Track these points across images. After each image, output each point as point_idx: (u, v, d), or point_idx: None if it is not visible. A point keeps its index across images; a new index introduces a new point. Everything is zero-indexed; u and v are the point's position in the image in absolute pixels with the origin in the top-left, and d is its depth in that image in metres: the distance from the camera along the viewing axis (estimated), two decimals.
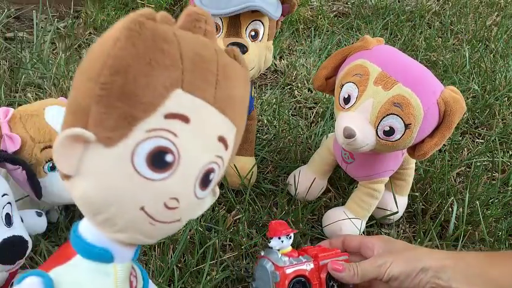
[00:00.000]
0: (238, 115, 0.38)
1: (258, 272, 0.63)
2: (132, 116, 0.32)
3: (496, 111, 1.14)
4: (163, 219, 0.35)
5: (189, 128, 0.34)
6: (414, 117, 0.61)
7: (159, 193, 0.34)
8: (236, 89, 0.37)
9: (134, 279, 0.42)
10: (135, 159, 0.32)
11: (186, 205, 0.36)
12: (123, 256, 0.38)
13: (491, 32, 1.50)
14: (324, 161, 0.83)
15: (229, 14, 0.65)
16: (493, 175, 0.94)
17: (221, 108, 0.36)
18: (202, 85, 0.34)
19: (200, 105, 0.34)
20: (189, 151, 0.34)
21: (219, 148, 0.36)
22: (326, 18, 1.48)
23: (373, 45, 0.67)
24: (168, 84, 0.32)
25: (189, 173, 0.35)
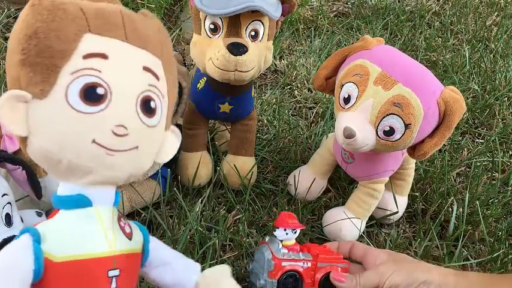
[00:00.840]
0: (158, 49, 0.43)
1: (257, 255, 0.64)
2: (54, 64, 0.36)
3: (496, 111, 1.14)
4: (118, 147, 0.39)
5: (111, 63, 0.38)
6: (414, 117, 0.61)
7: (103, 122, 0.38)
8: (147, 30, 0.42)
9: (127, 227, 0.45)
10: (70, 99, 0.37)
11: (137, 132, 0.40)
12: (102, 198, 0.42)
13: (491, 32, 1.50)
14: (324, 161, 0.83)
15: (229, 14, 0.65)
16: (493, 175, 0.94)
17: (136, 43, 0.40)
18: (110, 27, 0.39)
19: (114, 43, 0.39)
20: (117, 81, 0.38)
21: (149, 78, 0.41)
22: (326, 18, 1.48)
23: (373, 45, 0.67)
24: (77, 30, 0.37)
25: (125, 100, 0.39)
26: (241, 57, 0.66)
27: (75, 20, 0.37)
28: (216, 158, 0.87)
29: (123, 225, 0.44)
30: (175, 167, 0.84)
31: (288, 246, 0.62)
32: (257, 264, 0.63)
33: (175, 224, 0.75)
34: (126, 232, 0.44)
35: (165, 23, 1.35)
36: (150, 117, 0.41)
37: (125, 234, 0.44)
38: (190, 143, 0.83)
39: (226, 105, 0.79)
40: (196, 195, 0.82)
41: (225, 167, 0.83)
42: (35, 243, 0.38)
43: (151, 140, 0.42)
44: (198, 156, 0.82)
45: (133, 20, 0.42)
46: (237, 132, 0.84)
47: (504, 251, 0.76)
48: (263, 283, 0.61)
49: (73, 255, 0.39)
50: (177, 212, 0.78)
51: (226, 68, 0.67)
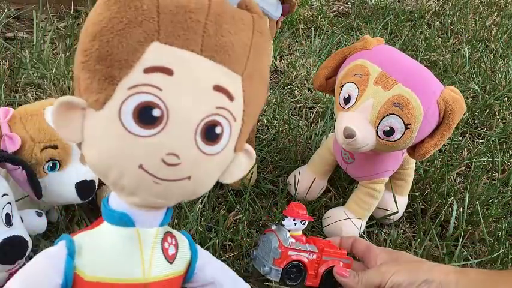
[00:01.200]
0: (240, 62, 0.36)
1: (262, 242, 0.64)
2: (111, 76, 0.33)
3: (496, 111, 1.14)
4: (167, 176, 0.35)
5: (174, 80, 0.33)
6: (414, 117, 0.61)
7: (153, 149, 0.34)
8: (233, 35, 0.35)
9: (172, 247, 0.41)
10: (123, 117, 0.33)
11: (191, 161, 0.35)
12: (146, 220, 0.39)
13: (491, 32, 1.50)
14: (324, 161, 0.83)
15: None
16: (493, 175, 0.94)
17: (212, 56, 0.35)
18: (185, 35, 0.33)
19: (184, 56, 0.34)
20: (178, 104, 0.33)
21: (219, 98, 0.35)
22: (326, 18, 1.48)
23: (373, 45, 0.67)
24: (143, 38, 0.32)
25: (183, 126, 0.34)
26: None
27: (144, 24, 0.32)
28: None
29: (168, 247, 0.41)
30: None
31: (295, 237, 0.63)
32: (262, 251, 0.63)
33: (175, 224, 0.75)
34: (168, 255, 0.41)
35: None
36: (212, 144, 0.36)
37: (167, 258, 0.41)
38: None
39: None
40: None
41: None
42: (68, 258, 0.37)
43: (209, 168, 0.38)
44: None
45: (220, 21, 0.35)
46: None
47: (504, 251, 0.76)
48: (267, 270, 0.61)
49: (103, 277, 0.37)
50: (176, 212, 0.78)
51: None
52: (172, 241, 0.42)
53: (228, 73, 0.36)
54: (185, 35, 0.33)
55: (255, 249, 0.65)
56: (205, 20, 0.34)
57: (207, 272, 0.45)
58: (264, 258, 0.62)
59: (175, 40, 0.33)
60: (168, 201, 0.38)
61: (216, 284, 0.46)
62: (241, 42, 0.36)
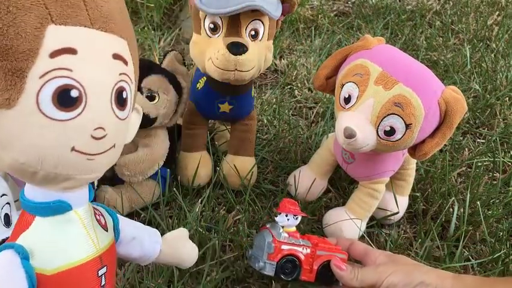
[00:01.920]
0: (122, 27, 0.38)
1: (257, 240, 0.65)
2: (18, 69, 0.31)
3: (497, 111, 1.14)
4: (98, 150, 0.36)
5: (80, 58, 0.34)
6: (415, 117, 0.61)
7: (82, 128, 0.34)
8: (108, 3, 0.37)
9: (101, 217, 0.44)
10: (43, 107, 0.32)
11: (113, 129, 0.37)
12: (79, 200, 0.40)
13: (492, 31, 1.50)
14: (325, 161, 0.83)
15: (229, 13, 0.65)
16: (494, 175, 0.94)
17: (102, 27, 0.35)
18: (73, 12, 0.34)
19: (80, 32, 0.34)
20: (90, 79, 0.34)
21: (119, 65, 0.37)
22: (326, 17, 1.47)
23: (373, 44, 0.66)
24: (38, 24, 0.32)
25: (101, 99, 0.35)
26: (241, 56, 0.66)
27: (33, 9, 0.31)
28: (216, 158, 0.87)
29: (99, 218, 0.43)
30: (175, 167, 0.83)
31: (288, 232, 0.63)
32: (257, 248, 0.64)
33: (174, 224, 0.75)
34: (102, 224, 0.43)
35: (165, 22, 1.35)
36: (123, 109, 0.38)
37: (102, 227, 0.43)
38: (190, 143, 0.83)
39: (226, 105, 0.78)
40: (196, 196, 0.82)
41: (225, 167, 0.82)
42: (24, 261, 0.36)
43: (123, 131, 0.40)
44: (197, 156, 0.82)
45: None
46: (237, 132, 0.84)
47: (505, 252, 0.76)
48: (262, 265, 0.61)
49: (64, 265, 0.38)
50: (176, 213, 0.78)
51: (226, 68, 0.66)
52: (98, 212, 0.44)
53: (118, 40, 0.37)
54: (74, 12, 0.34)
55: (250, 248, 0.66)
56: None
57: (127, 231, 0.48)
58: (259, 255, 0.63)
59: (68, 19, 0.33)
60: (98, 174, 0.39)
61: (137, 238, 0.50)
62: (115, 9, 0.38)
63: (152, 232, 0.53)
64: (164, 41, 1.26)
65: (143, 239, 0.50)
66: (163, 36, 1.28)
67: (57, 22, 0.33)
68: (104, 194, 0.72)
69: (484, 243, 0.80)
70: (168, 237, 0.55)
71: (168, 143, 0.77)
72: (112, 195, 0.73)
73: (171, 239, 0.55)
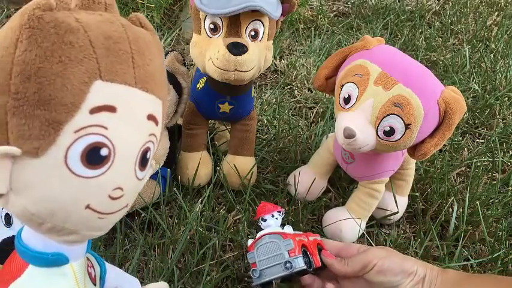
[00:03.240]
0: (159, 87, 0.37)
1: (259, 251, 0.59)
2: (56, 121, 0.30)
3: (496, 111, 1.14)
4: (111, 209, 0.35)
5: (118, 117, 0.32)
6: (414, 117, 0.61)
7: (102, 188, 0.33)
8: (153, 62, 0.36)
9: (92, 270, 0.42)
10: (70, 162, 0.31)
11: (131, 190, 0.36)
12: (77, 253, 0.38)
13: (491, 31, 1.50)
14: (324, 161, 0.83)
15: (229, 13, 0.65)
16: (493, 175, 0.94)
17: (144, 87, 0.34)
18: (121, 69, 0.33)
19: (124, 91, 0.33)
20: (122, 139, 0.33)
21: (150, 126, 0.36)
22: (326, 18, 1.47)
23: (373, 45, 0.67)
24: (86, 78, 0.30)
25: (128, 160, 0.34)
26: (241, 57, 0.66)
27: (84, 62, 0.30)
28: (216, 158, 0.87)
29: (90, 271, 0.41)
30: (175, 167, 0.84)
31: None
32: (266, 261, 0.58)
33: (175, 224, 0.75)
34: (92, 277, 0.41)
35: (165, 23, 1.35)
36: (143, 169, 0.36)
37: (92, 281, 0.41)
38: (190, 143, 0.83)
39: (226, 105, 0.79)
40: (196, 196, 0.82)
41: (225, 167, 0.83)
42: None
43: (138, 191, 0.38)
44: (198, 156, 0.82)
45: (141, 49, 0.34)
46: (237, 132, 0.84)
47: (504, 251, 0.76)
48: (289, 265, 0.55)
49: None
50: (176, 212, 0.78)
51: (226, 68, 0.67)
52: (90, 263, 0.42)
53: (155, 101, 0.36)
54: (122, 70, 0.33)
55: (254, 271, 0.58)
56: (130, 50, 0.33)
57: (111, 280, 0.46)
58: (276, 261, 0.57)
59: (115, 76, 0.32)
60: (104, 231, 0.37)
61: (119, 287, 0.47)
62: (159, 68, 0.37)
63: (133, 282, 0.50)
64: (164, 41, 1.26)
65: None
66: (164, 36, 1.28)
67: (105, 78, 0.32)
68: None
69: (483, 243, 0.80)
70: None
71: (168, 143, 0.77)
72: None
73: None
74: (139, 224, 0.76)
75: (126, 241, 0.73)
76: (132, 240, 0.73)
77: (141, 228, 0.75)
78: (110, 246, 0.72)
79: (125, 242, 0.73)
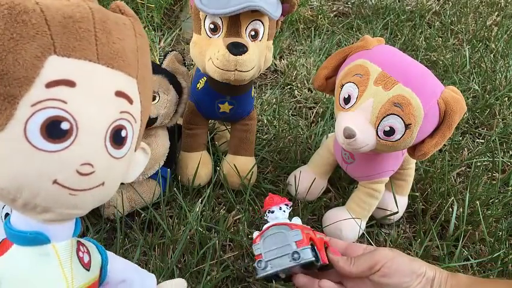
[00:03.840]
0: (134, 65, 0.38)
1: (266, 242, 0.56)
2: (11, 95, 0.31)
3: (496, 111, 1.14)
4: (82, 186, 0.35)
5: (78, 91, 0.33)
6: (414, 117, 0.61)
7: (67, 162, 0.33)
8: (123, 41, 0.37)
9: (85, 255, 0.42)
10: (30, 136, 0.32)
11: (104, 167, 0.36)
12: (60, 234, 0.38)
13: (491, 31, 1.50)
14: (324, 161, 0.83)
15: (229, 13, 0.65)
16: (493, 175, 0.94)
17: (108, 63, 0.35)
18: (79, 45, 0.34)
19: (84, 66, 0.34)
20: (85, 114, 0.34)
21: (121, 103, 0.36)
22: (326, 18, 1.47)
23: (373, 45, 0.67)
24: (39, 53, 0.32)
25: (94, 135, 0.35)
26: (241, 57, 0.66)
27: (37, 38, 0.32)
28: (216, 158, 0.87)
29: (82, 255, 0.41)
30: (175, 167, 0.84)
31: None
32: (275, 251, 0.55)
33: (175, 224, 0.75)
34: (84, 262, 0.41)
35: (165, 23, 1.35)
36: (120, 148, 0.37)
37: (84, 265, 0.41)
38: (190, 142, 0.83)
39: (226, 105, 0.79)
40: (196, 195, 0.82)
41: (225, 167, 0.83)
42: None
43: (118, 171, 0.38)
44: (198, 156, 0.82)
45: (108, 28, 0.36)
46: (237, 132, 0.84)
47: (504, 251, 0.76)
48: (297, 256, 0.53)
49: None
50: (177, 212, 0.78)
51: (226, 68, 0.67)
52: (84, 249, 0.42)
53: (125, 78, 0.37)
54: (80, 46, 0.34)
55: (259, 261, 0.56)
56: (94, 29, 0.35)
57: (118, 272, 0.46)
58: (283, 252, 0.54)
59: (72, 52, 0.33)
60: (82, 211, 0.38)
61: (127, 281, 0.47)
62: (130, 47, 0.38)
63: (146, 277, 0.49)
64: (164, 41, 1.26)
65: (133, 283, 0.48)
66: (164, 36, 1.28)
67: (60, 53, 0.33)
68: None
69: (483, 242, 0.80)
70: (164, 286, 0.52)
71: (168, 142, 0.77)
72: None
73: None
74: (140, 224, 0.76)
75: (126, 241, 0.73)
76: (132, 240, 0.73)
77: (141, 228, 0.75)
78: (110, 246, 0.72)
79: (125, 242, 0.73)
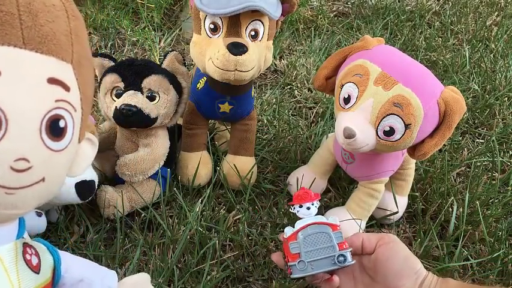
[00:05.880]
0: (68, 49, 0.34)
1: (306, 241, 0.55)
2: None
3: (496, 111, 1.14)
4: (19, 184, 0.32)
5: (3, 81, 0.30)
6: (414, 117, 0.61)
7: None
8: (52, 23, 0.33)
9: (34, 257, 0.39)
10: None
11: (42, 162, 0.33)
12: (3, 237, 0.36)
13: (491, 31, 1.50)
14: (324, 161, 0.83)
15: (229, 13, 0.65)
16: (493, 175, 0.94)
17: (38, 48, 0.32)
18: (3, 30, 0.31)
19: (8, 52, 0.31)
20: (14, 105, 0.31)
21: (56, 91, 0.33)
22: (326, 18, 1.48)
23: (373, 45, 0.67)
24: None
25: (26, 127, 0.32)
26: (241, 57, 0.66)
27: None
28: (216, 158, 0.87)
29: (30, 258, 0.39)
30: (175, 167, 0.84)
31: None
32: (315, 252, 0.54)
33: (175, 224, 0.75)
34: (33, 265, 0.38)
35: (165, 23, 1.35)
36: (59, 140, 0.34)
37: (32, 269, 0.38)
38: (190, 142, 0.83)
39: (226, 105, 0.79)
40: (196, 195, 0.82)
41: (225, 167, 0.83)
42: None
43: (60, 164, 0.35)
44: (198, 156, 0.82)
45: (34, 10, 0.32)
46: (237, 132, 0.84)
47: (504, 251, 0.76)
48: (342, 259, 0.53)
49: None
50: (177, 212, 0.78)
51: (226, 68, 0.67)
52: (32, 251, 0.39)
53: (58, 63, 0.34)
54: (3, 30, 0.31)
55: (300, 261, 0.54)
56: (18, 11, 0.31)
57: (74, 272, 0.44)
58: (326, 254, 0.53)
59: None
60: (23, 210, 0.35)
61: (85, 280, 0.45)
62: (61, 29, 0.34)
63: (105, 275, 0.47)
64: (164, 41, 1.26)
65: (92, 282, 0.45)
66: (164, 36, 1.28)
67: None
68: (104, 194, 0.73)
69: (483, 242, 0.80)
70: (126, 282, 0.49)
71: (168, 142, 0.77)
72: (113, 194, 0.73)
73: (130, 284, 0.49)
74: (140, 224, 0.76)
75: (126, 241, 0.73)
76: (132, 240, 0.73)
77: (141, 228, 0.75)
78: (110, 246, 0.72)
79: (125, 242, 0.73)
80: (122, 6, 1.34)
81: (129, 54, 1.21)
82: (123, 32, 1.27)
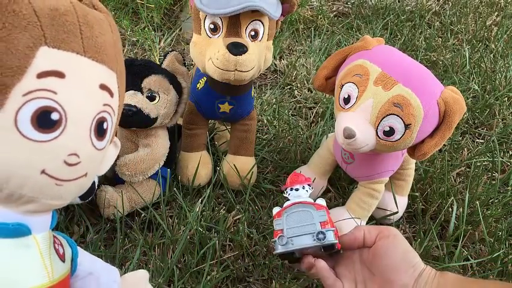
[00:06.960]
0: (114, 60, 0.39)
1: (289, 218, 0.56)
2: (3, 84, 0.32)
3: (496, 111, 1.14)
4: (68, 176, 0.36)
5: (67, 82, 0.34)
6: (414, 117, 0.61)
7: (56, 152, 0.34)
8: (103, 36, 0.38)
9: (60, 248, 0.42)
10: (20, 125, 0.32)
11: (88, 158, 0.37)
12: (41, 225, 0.38)
13: (491, 32, 1.50)
14: (324, 161, 0.83)
15: (229, 14, 0.65)
16: (493, 175, 0.94)
17: (93, 56, 0.36)
18: (67, 38, 0.35)
19: (72, 58, 0.35)
20: (74, 105, 0.35)
21: (104, 96, 0.38)
22: (326, 18, 1.48)
23: (373, 45, 0.67)
24: (31, 43, 0.32)
25: (81, 126, 0.36)
26: (241, 57, 0.66)
27: (29, 29, 0.32)
28: (216, 158, 0.87)
29: (58, 247, 0.41)
30: (175, 167, 0.84)
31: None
32: (297, 228, 0.55)
33: (175, 224, 0.75)
34: (60, 254, 0.41)
35: (165, 23, 1.35)
36: (101, 139, 0.38)
37: (60, 257, 0.41)
38: (190, 142, 0.83)
39: (226, 105, 0.79)
40: (196, 195, 0.82)
41: (225, 167, 0.83)
42: None
43: (98, 162, 0.39)
44: (197, 156, 0.82)
45: (90, 22, 0.37)
46: (237, 132, 0.84)
47: (504, 251, 0.76)
48: (321, 236, 0.53)
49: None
50: (177, 212, 0.78)
51: (226, 68, 0.67)
52: (58, 241, 0.43)
53: (107, 71, 0.38)
54: (68, 38, 0.35)
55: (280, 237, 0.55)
56: (77, 22, 0.36)
57: (86, 264, 0.47)
58: (307, 230, 0.54)
59: (61, 43, 0.34)
60: (65, 201, 0.38)
61: (94, 273, 0.47)
62: (109, 41, 0.39)
63: (111, 270, 0.50)
64: (164, 41, 1.26)
65: (100, 276, 0.48)
66: (164, 36, 1.28)
67: (51, 45, 0.33)
68: (104, 194, 0.73)
69: (483, 242, 0.80)
70: (127, 278, 0.52)
71: (168, 143, 0.77)
72: (113, 195, 0.73)
73: (131, 280, 0.52)
74: (140, 224, 0.76)
75: (126, 241, 0.73)
76: (132, 240, 0.73)
77: (141, 228, 0.75)
78: (110, 246, 0.72)
79: (125, 242, 0.73)
80: (122, 6, 1.34)
81: (129, 54, 1.21)
82: (123, 32, 1.27)
